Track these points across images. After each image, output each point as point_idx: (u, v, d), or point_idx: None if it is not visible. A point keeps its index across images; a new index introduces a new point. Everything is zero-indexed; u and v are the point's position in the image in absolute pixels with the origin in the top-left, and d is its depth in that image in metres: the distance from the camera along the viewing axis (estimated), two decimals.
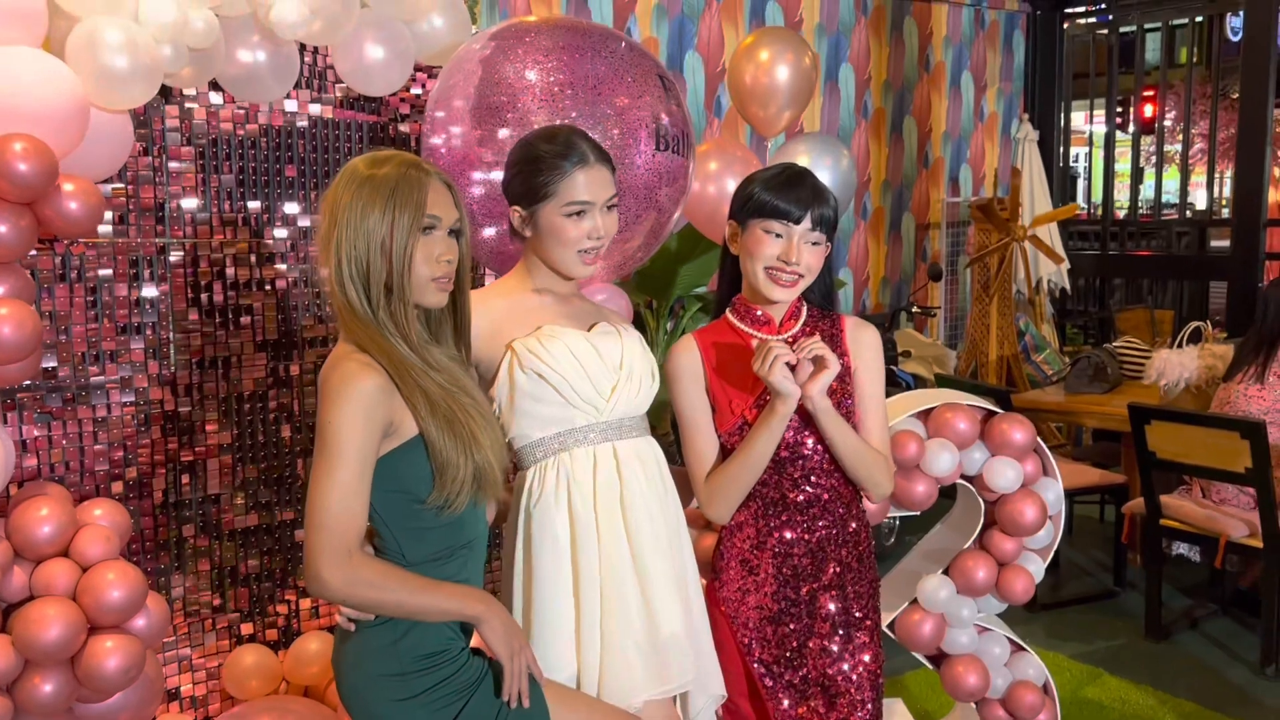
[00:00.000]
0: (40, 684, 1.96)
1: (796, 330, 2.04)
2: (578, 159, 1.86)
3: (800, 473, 2.00)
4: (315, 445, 1.59)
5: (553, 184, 1.85)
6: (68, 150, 2.05)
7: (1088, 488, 4.51)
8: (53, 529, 2.02)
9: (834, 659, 2.01)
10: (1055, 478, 2.69)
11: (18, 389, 2.36)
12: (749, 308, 2.05)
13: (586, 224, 1.87)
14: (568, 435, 1.87)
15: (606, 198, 1.90)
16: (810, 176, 2.00)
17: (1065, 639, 4.01)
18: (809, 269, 1.97)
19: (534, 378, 1.84)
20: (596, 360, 1.87)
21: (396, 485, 1.63)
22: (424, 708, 1.64)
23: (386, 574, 1.60)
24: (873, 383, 2.08)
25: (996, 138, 7.02)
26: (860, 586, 2.05)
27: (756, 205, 1.97)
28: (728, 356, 2.03)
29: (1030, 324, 6.12)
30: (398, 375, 1.61)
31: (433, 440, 1.63)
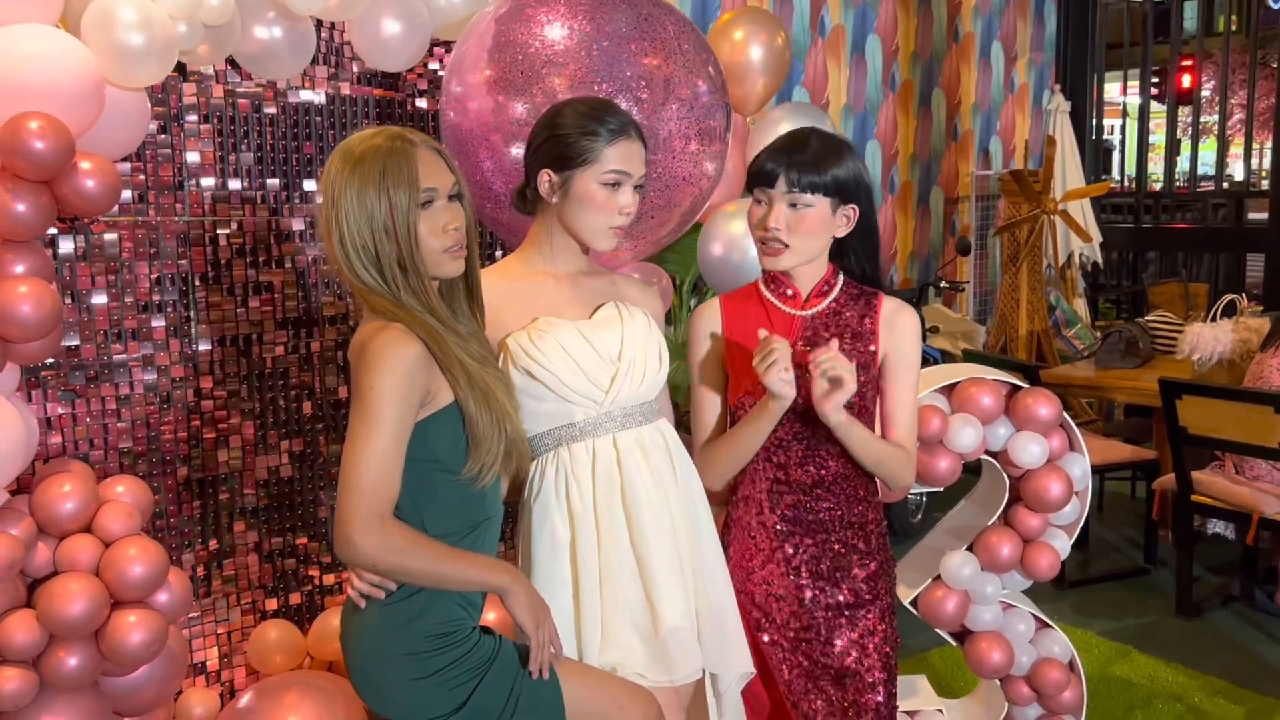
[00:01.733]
0: (65, 658, 1.98)
1: (824, 306, 1.98)
2: (620, 128, 1.83)
3: (806, 449, 1.96)
4: (352, 410, 1.58)
5: (595, 149, 1.81)
6: (84, 128, 2.05)
7: (1118, 464, 4.45)
8: (75, 505, 2.03)
9: (841, 640, 1.97)
10: (1082, 453, 2.65)
11: (41, 367, 2.38)
12: (776, 278, 1.99)
13: (621, 197, 1.84)
14: (566, 430, 1.84)
15: (640, 174, 1.87)
16: (807, 137, 1.92)
17: (1094, 616, 3.97)
18: (795, 235, 1.89)
19: (525, 376, 1.81)
20: (591, 354, 1.83)
21: (426, 454, 1.62)
22: (438, 687, 1.64)
23: (416, 541, 1.59)
24: (906, 372, 1.98)
25: (1027, 109, 6.91)
26: (868, 567, 2.00)
27: (749, 175, 1.94)
28: (747, 326, 1.99)
29: (1061, 298, 6.04)
30: (436, 346, 1.60)
31: (470, 412, 1.62)
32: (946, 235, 6.48)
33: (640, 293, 2.02)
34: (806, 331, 1.96)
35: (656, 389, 1.94)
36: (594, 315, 1.90)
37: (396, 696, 1.65)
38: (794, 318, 1.98)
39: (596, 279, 1.97)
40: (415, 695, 1.64)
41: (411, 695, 1.64)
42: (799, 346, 1.95)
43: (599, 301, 1.92)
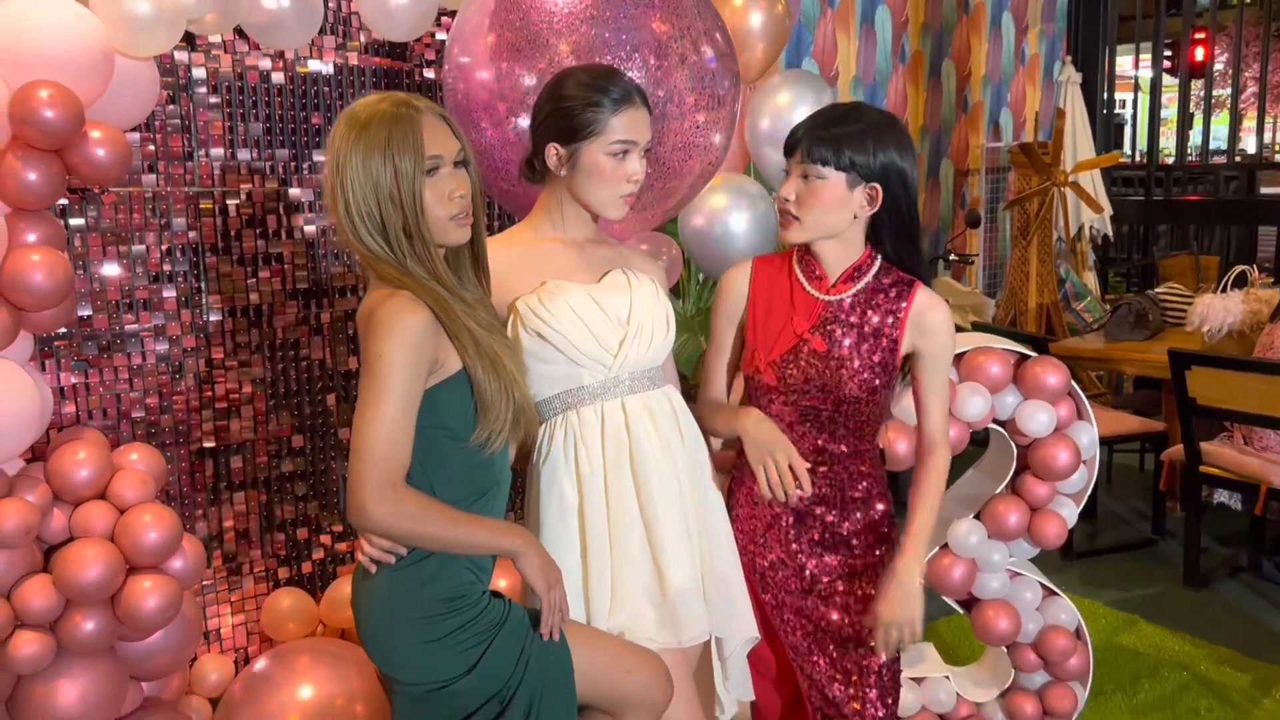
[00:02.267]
0: (82, 622, 2.00)
1: (850, 294, 1.92)
2: (624, 97, 1.83)
3: (806, 429, 1.95)
4: (361, 378, 1.58)
5: (601, 121, 1.81)
6: (93, 98, 2.05)
7: (1127, 435, 4.45)
8: (90, 472, 2.05)
9: (843, 606, 1.99)
10: (1090, 421, 2.65)
11: (54, 337, 2.40)
12: (808, 255, 1.95)
13: (629, 166, 1.84)
14: (575, 394, 1.85)
15: (647, 140, 1.87)
16: (844, 111, 1.88)
17: (1102, 586, 3.98)
18: (804, 208, 1.86)
19: (535, 338, 1.82)
20: (600, 316, 1.84)
21: (435, 421, 1.62)
22: (449, 650, 1.65)
23: (427, 506, 1.60)
24: (937, 370, 1.95)
25: (1038, 81, 6.85)
26: (871, 536, 2.00)
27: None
28: (773, 296, 1.97)
29: (1071, 271, 6.01)
30: (444, 313, 1.61)
31: (478, 379, 1.63)
32: (956, 208, 6.45)
33: (646, 262, 2.04)
34: (827, 315, 1.93)
35: (664, 354, 1.95)
36: (602, 280, 1.91)
37: (408, 659, 1.67)
38: (816, 301, 1.94)
39: (604, 248, 1.98)
40: (426, 658, 1.66)
41: (423, 658, 1.66)
42: (815, 334, 1.92)
43: (607, 268, 1.93)
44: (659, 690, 1.80)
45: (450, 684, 1.66)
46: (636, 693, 1.78)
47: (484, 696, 1.68)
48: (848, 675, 1.99)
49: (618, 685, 1.77)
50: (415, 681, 1.68)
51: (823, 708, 2.00)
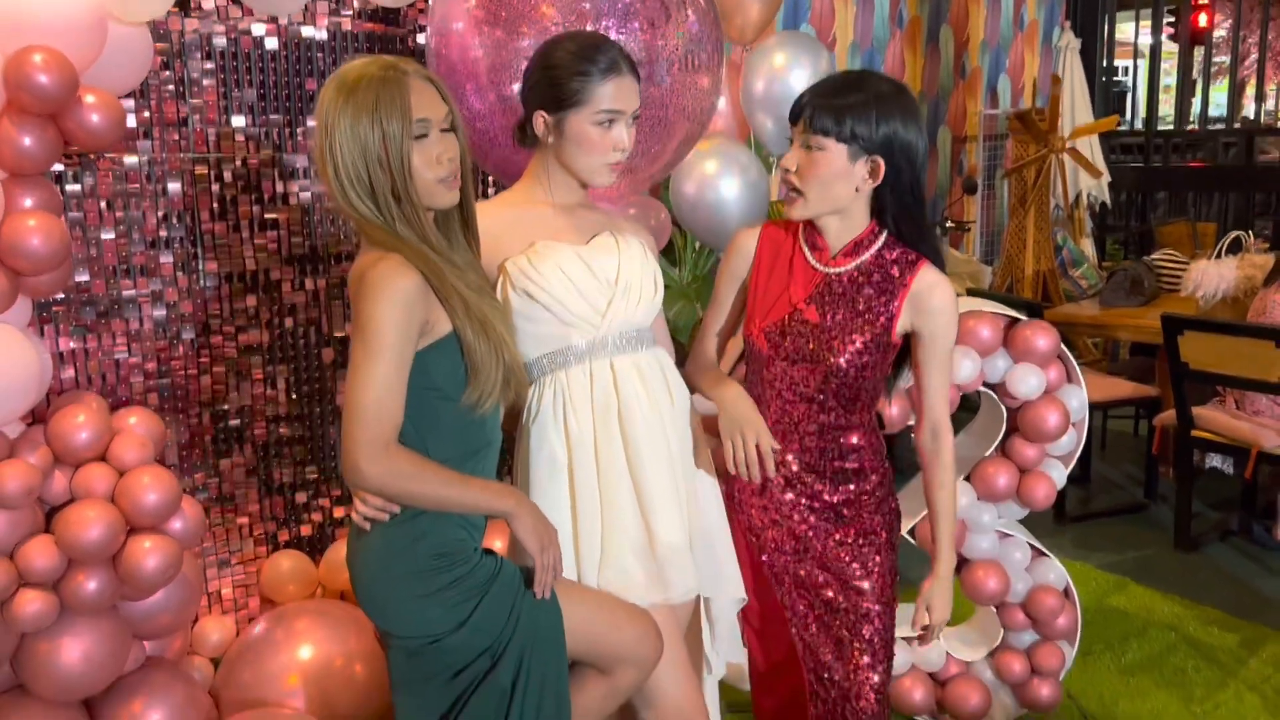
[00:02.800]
0: (84, 581, 2.04)
1: (850, 268, 1.90)
2: (610, 65, 1.83)
3: (798, 396, 1.95)
4: (353, 340, 1.61)
5: (585, 90, 1.82)
6: (87, 63, 2.06)
7: (1121, 400, 4.48)
8: (90, 435, 2.08)
9: (839, 569, 2.00)
10: (1079, 384, 2.68)
11: (52, 303, 2.42)
12: (812, 225, 1.94)
13: (614, 134, 1.85)
14: (563, 354, 1.87)
15: (635, 108, 1.88)
16: (850, 79, 1.85)
17: (1094, 550, 4.03)
18: (806, 181, 1.84)
19: (525, 298, 1.83)
20: (589, 276, 1.86)
21: (427, 383, 1.65)
22: (441, 604, 1.69)
23: (422, 466, 1.62)
24: (939, 351, 1.91)
25: (1037, 47, 6.83)
26: (865, 500, 2.00)
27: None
28: (778, 260, 1.97)
29: (1068, 238, 6.02)
30: (432, 275, 1.63)
31: (468, 341, 1.65)
32: (954, 175, 6.45)
33: (634, 228, 2.05)
34: (823, 288, 1.92)
35: (652, 314, 1.96)
36: (590, 242, 1.93)
37: (401, 614, 1.70)
38: (816, 272, 1.92)
39: (594, 213, 2.00)
40: (419, 612, 1.69)
41: (415, 612, 1.69)
42: (809, 305, 1.91)
43: (595, 232, 1.95)
44: (649, 646, 1.83)
45: (442, 638, 1.69)
46: (626, 648, 1.81)
47: (476, 651, 1.72)
48: (840, 641, 2.01)
49: (608, 641, 1.80)
50: (409, 636, 1.71)
51: (816, 670, 2.03)
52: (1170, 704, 2.96)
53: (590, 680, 1.84)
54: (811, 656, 2.03)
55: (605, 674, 1.83)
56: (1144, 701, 2.98)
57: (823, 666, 2.02)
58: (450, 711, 1.76)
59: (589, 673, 1.84)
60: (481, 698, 1.74)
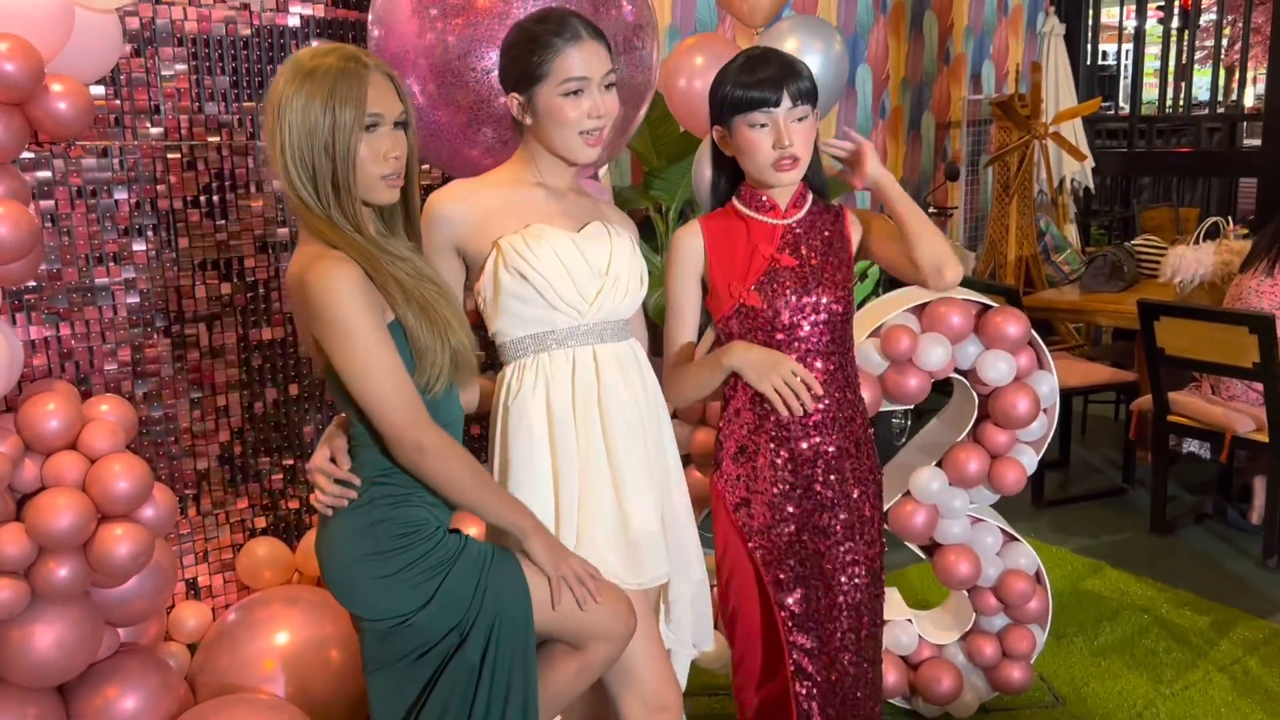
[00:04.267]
0: (55, 569, 2.05)
1: (802, 215, 2.05)
2: (570, 35, 1.83)
3: (796, 355, 2.00)
4: (332, 346, 1.62)
5: (547, 63, 1.82)
6: (54, 51, 2.06)
7: (1099, 385, 4.51)
8: (60, 423, 2.09)
9: (832, 543, 2.04)
10: (1050, 371, 2.70)
11: (25, 290, 2.42)
12: (754, 193, 2.05)
13: (585, 103, 1.85)
14: (547, 336, 1.88)
15: (603, 74, 1.87)
16: (774, 54, 1.98)
17: (1071, 534, 4.06)
18: (803, 147, 1.97)
19: (517, 277, 1.84)
20: (581, 263, 1.87)
21: None
22: (404, 583, 1.70)
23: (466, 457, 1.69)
24: (884, 221, 2.08)
25: (1021, 32, 6.83)
26: (859, 473, 2.07)
27: (733, 102, 1.95)
28: (729, 240, 2.04)
29: (1051, 224, 6.04)
30: (369, 265, 1.64)
31: (410, 327, 1.66)
32: (938, 161, 6.46)
33: (620, 219, 2.08)
34: (788, 236, 2.04)
35: (635, 307, 1.99)
36: (583, 230, 1.94)
37: (367, 596, 1.71)
38: (775, 227, 2.04)
39: (584, 199, 2.02)
40: (383, 593, 1.70)
41: (379, 594, 1.71)
42: (782, 253, 2.02)
43: (585, 219, 1.96)
44: (621, 622, 1.85)
45: (410, 618, 1.71)
46: (599, 624, 1.82)
47: (443, 629, 1.73)
48: (825, 611, 2.03)
49: (578, 617, 1.81)
50: (377, 618, 1.73)
51: (801, 647, 2.05)
52: (1140, 685, 3.00)
53: (563, 657, 1.85)
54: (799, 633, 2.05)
55: (578, 650, 1.85)
56: (1114, 683, 3.01)
57: (805, 652, 2.04)
58: (422, 691, 1.77)
59: (561, 649, 1.86)
60: (451, 675, 1.76)
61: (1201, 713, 2.86)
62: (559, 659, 1.86)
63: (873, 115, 6.03)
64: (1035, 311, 4.87)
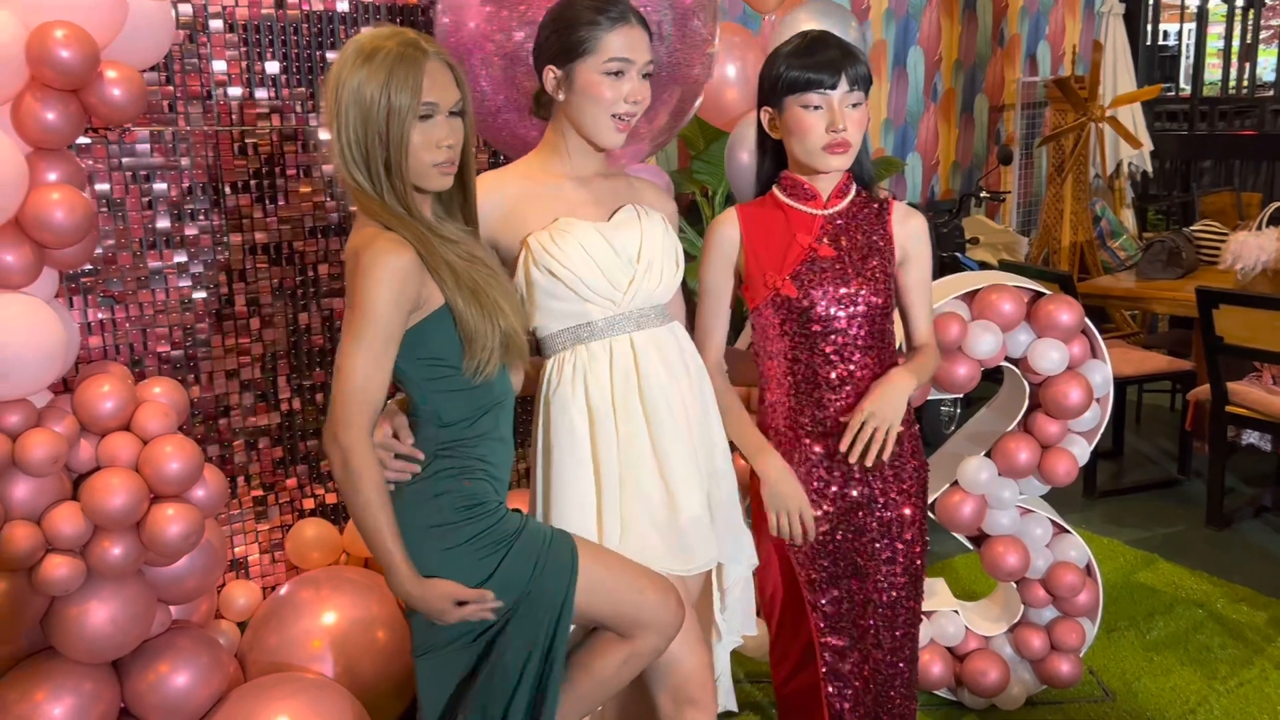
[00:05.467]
0: (109, 548, 2.09)
1: (843, 206, 2.01)
2: (618, 15, 1.83)
3: (833, 348, 1.97)
4: (347, 314, 1.64)
5: (593, 39, 1.82)
6: (109, 37, 2.09)
7: (1155, 374, 4.42)
8: (115, 404, 2.12)
9: (868, 540, 2.01)
10: (1103, 360, 2.64)
11: (81, 274, 2.46)
12: (797, 182, 2.02)
13: (625, 85, 1.84)
14: (583, 329, 1.88)
15: (644, 61, 1.86)
16: (832, 37, 1.95)
17: (1123, 525, 3.99)
18: (856, 132, 1.93)
19: (547, 275, 1.85)
20: (610, 254, 1.86)
21: (428, 354, 1.69)
22: (468, 556, 1.72)
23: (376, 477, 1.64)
24: (920, 270, 2.06)
25: (1079, 12, 6.67)
26: (900, 470, 2.02)
27: (788, 82, 1.92)
28: (766, 229, 2.01)
29: (1107, 209, 5.91)
30: (424, 248, 1.65)
31: (460, 311, 1.67)
32: (990, 145, 6.35)
33: (655, 195, 2.04)
34: (827, 227, 2.00)
35: (672, 291, 1.97)
36: (613, 217, 1.92)
37: (430, 570, 1.72)
38: (815, 217, 2.00)
39: (614, 180, 1.99)
40: (447, 566, 1.72)
41: (443, 566, 1.72)
42: (821, 243, 1.98)
43: (617, 204, 1.95)
44: (669, 611, 1.84)
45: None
46: (647, 612, 1.82)
47: (500, 610, 1.74)
48: (860, 608, 2.01)
49: (628, 604, 1.82)
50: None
51: (834, 645, 2.03)
52: (1193, 681, 2.94)
53: (612, 644, 1.85)
54: (833, 631, 2.03)
55: (626, 638, 1.85)
56: (1167, 679, 2.96)
57: (838, 651, 2.02)
58: (472, 673, 1.79)
59: (608, 637, 1.86)
60: (498, 656, 1.77)
61: (1257, 710, 2.80)
62: (606, 647, 1.86)
63: (924, 98, 5.94)
64: (1089, 298, 4.78)
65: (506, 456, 1.83)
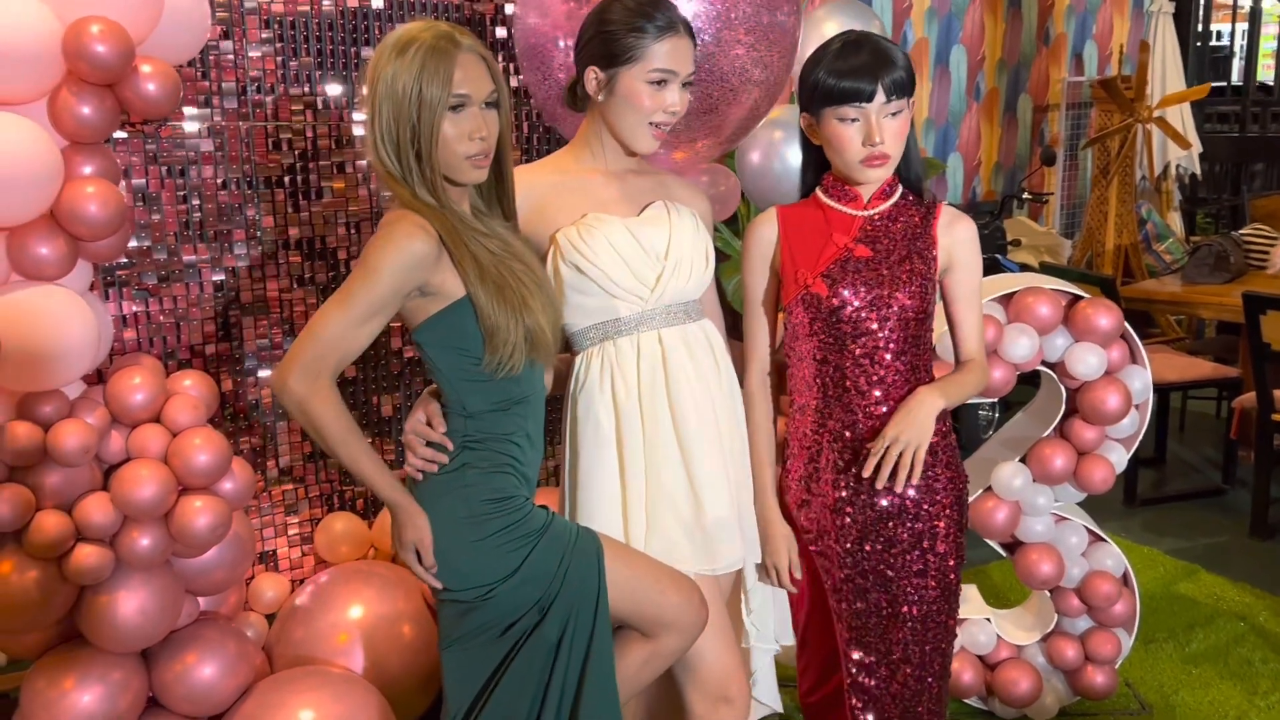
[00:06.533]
0: (138, 538, 2.10)
1: (885, 208, 1.94)
2: (666, 25, 1.82)
3: (863, 350, 1.90)
4: (353, 270, 1.66)
5: (640, 47, 1.81)
6: (144, 32, 2.10)
7: (1199, 381, 4.32)
8: (145, 396, 2.14)
9: (899, 552, 1.93)
10: (1143, 365, 2.59)
11: (117, 266, 2.49)
12: (838, 183, 1.96)
13: (665, 96, 1.84)
14: (611, 325, 1.87)
15: (688, 72, 1.86)
16: (870, 41, 1.87)
17: (1164, 534, 3.91)
18: (895, 143, 1.87)
19: (574, 271, 1.84)
20: (638, 251, 1.85)
21: (451, 343, 1.70)
22: (496, 549, 1.72)
23: (336, 415, 1.65)
24: (969, 280, 1.97)
25: (1127, 11, 6.55)
26: (933, 481, 1.94)
27: (824, 92, 1.85)
28: (805, 228, 1.97)
29: (1153, 211, 5.81)
30: (450, 239, 1.66)
31: (480, 304, 1.67)
32: (1034, 145, 6.25)
33: (689, 193, 2.03)
34: (866, 228, 1.94)
35: (702, 288, 1.96)
36: (642, 213, 1.91)
37: (458, 563, 1.73)
38: (854, 218, 1.94)
39: (646, 178, 1.98)
40: (475, 559, 1.73)
41: (471, 560, 1.73)
42: (858, 244, 1.92)
43: (648, 200, 1.94)
44: (694, 612, 1.84)
45: (495, 588, 1.73)
46: (671, 612, 1.82)
47: (526, 604, 1.75)
48: (887, 621, 1.95)
49: (652, 603, 1.81)
50: (464, 588, 1.75)
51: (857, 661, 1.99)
52: (1233, 696, 2.87)
53: (633, 643, 1.85)
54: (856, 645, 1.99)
55: (648, 638, 1.84)
56: (1205, 692, 2.89)
57: (858, 664, 1.98)
58: (497, 669, 1.79)
59: (632, 635, 1.85)
60: (529, 653, 1.77)
61: None
62: (628, 645, 1.86)
63: (966, 97, 5.87)
64: (1133, 302, 4.69)
65: (534, 454, 1.82)
